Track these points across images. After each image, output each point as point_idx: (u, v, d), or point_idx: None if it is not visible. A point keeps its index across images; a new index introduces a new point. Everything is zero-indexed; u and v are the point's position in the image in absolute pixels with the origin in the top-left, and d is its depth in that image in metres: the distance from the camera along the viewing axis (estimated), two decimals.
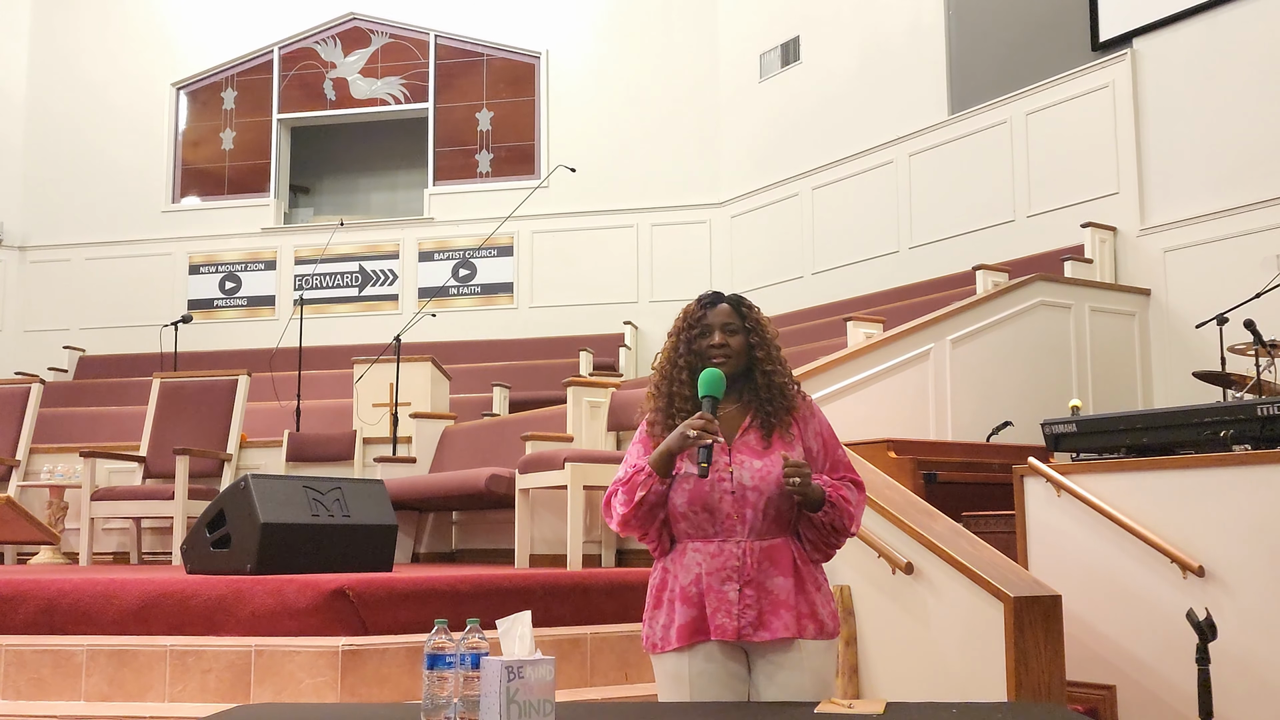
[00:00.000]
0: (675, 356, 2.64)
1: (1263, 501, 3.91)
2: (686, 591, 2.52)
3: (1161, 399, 7.08)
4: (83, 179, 12.35)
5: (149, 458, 7.33)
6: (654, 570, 2.63)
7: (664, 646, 2.55)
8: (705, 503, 2.51)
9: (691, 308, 2.67)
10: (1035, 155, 8.29)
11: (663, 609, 2.56)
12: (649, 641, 2.60)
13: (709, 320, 2.62)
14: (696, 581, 2.52)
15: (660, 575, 2.60)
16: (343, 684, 3.71)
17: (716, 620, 2.49)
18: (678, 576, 2.55)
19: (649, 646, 2.60)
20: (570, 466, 5.05)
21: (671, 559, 2.58)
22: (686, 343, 2.63)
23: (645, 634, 2.61)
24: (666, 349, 2.68)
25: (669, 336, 2.68)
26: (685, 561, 2.54)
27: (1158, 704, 4.14)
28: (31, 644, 3.90)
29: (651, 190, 11.32)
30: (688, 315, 2.67)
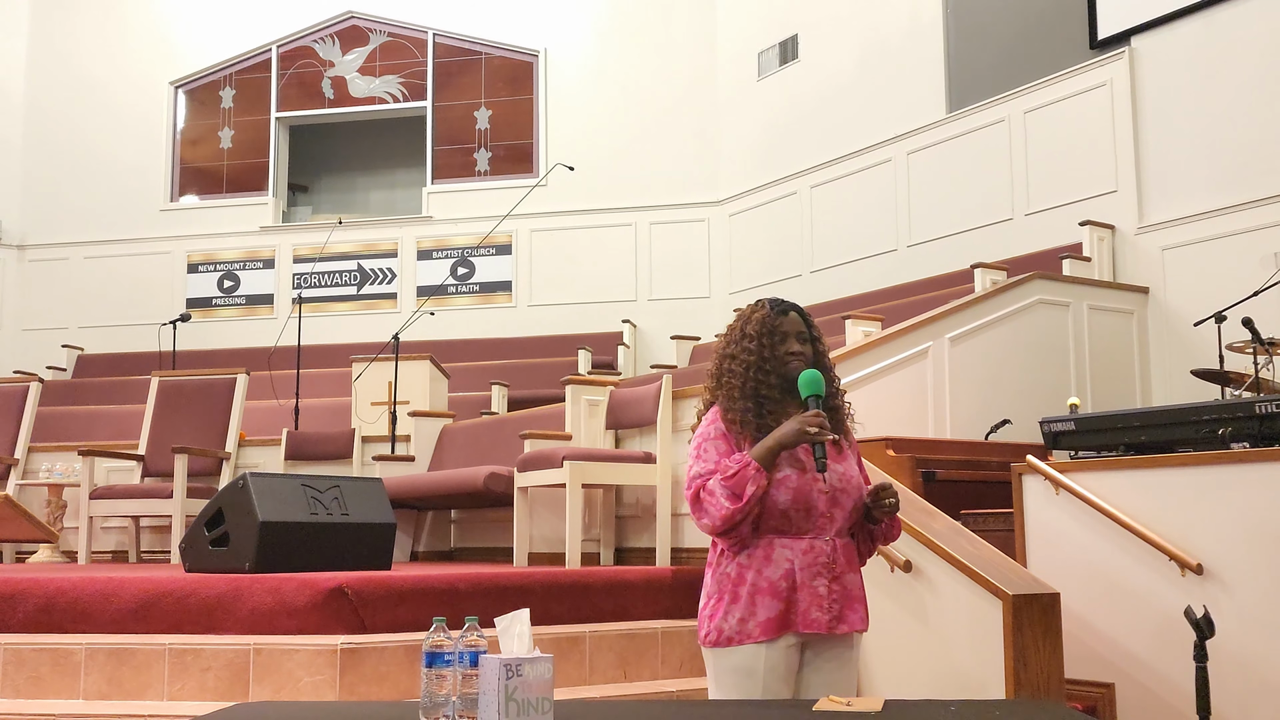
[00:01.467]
0: (760, 360, 2.71)
1: (1261, 499, 3.92)
2: (775, 586, 2.61)
3: (1160, 397, 7.08)
4: (81, 177, 12.35)
5: (147, 456, 7.33)
6: (723, 565, 2.67)
7: (740, 639, 2.60)
8: (806, 501, 2.62)
9: (764, 313, 2.76)
10: (1033, 153, 8.29)
11: (741, 603, 2.61)
12: (720, 635, 2.62)
13: (785, 327, 2.74)
14: (787, 576, 2.61)
15: (736, 570, 2.64)
16: (341, 682, 3.72)
17: (811, 614, 2.61)
18: (762, 571, 2.62)
19: (718, 641, 2.62)
20: (569, 465, 5.05)
21: (750, 554, 2.63)
22: (771, 346, 2.72)
23: (711, 628, 2.64)
24: (745, 350, 2.73)
25: (744, 339, 2.74)
26: (774, 557, 2.62)
27: (1156, 701, 4.15)
28: (30, 642, 3.89)
29: (650, 189, 11.32)
30: (764, 320, 2.75)
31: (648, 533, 5.28)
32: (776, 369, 2.71)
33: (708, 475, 2.61)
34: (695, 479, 2.63)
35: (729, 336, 2.78)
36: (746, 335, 2.74)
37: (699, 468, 2.64)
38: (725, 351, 2.76)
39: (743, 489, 2.54)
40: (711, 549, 2.74)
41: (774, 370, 2.71)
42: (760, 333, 2.73)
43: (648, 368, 10.28)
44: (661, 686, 4.28)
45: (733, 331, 2.78)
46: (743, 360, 2.72)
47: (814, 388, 2.65)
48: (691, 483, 2.63)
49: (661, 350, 10.55)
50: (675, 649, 4.48)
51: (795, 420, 2.59)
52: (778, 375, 2.70)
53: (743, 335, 2.75)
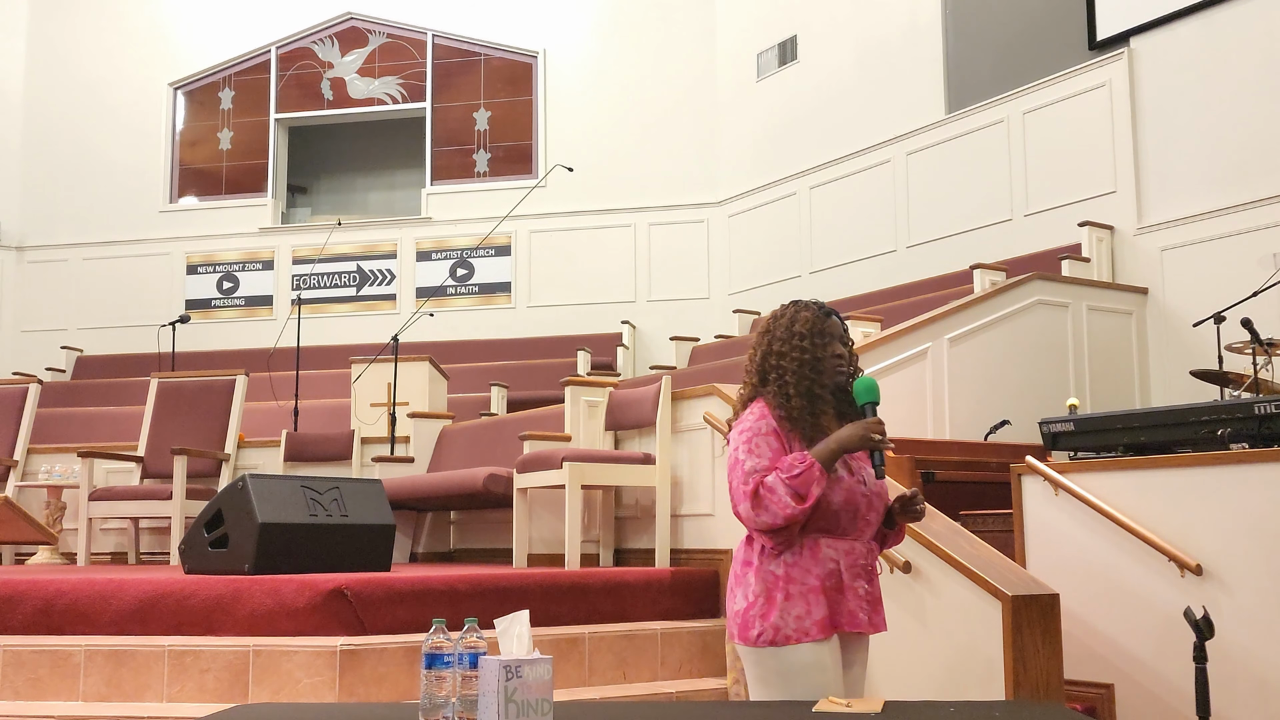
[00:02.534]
0: (813, 359, 2.73)
1: (1260, 500, 3.92)
2: (824, 585, 2.64)
3: (1159, 398, 7.08)
4: (80, 179, 12.34)
5: (147, 458, 7.32)
6: (766, 564, 2.66)
7: (800, 637, 2.61)
8: (854, 503, 2.67)
9: (813, 314, 2.78)
10: (1032, 154, 8.29)
11: (795, 601, 2.62)
12: (779, 634, 2.61)
13: (830, 330, 2.77)
14: (833, 576, 2.65)
15: (784, 569, 2.64)
16: (341, 684, 3.72)
17: (856, 615, 2.66)
18: (810, 570, 2.64)
19: (775, 639, 2.61)
20: (568, 466, 5.05)
21: (796, 553, 2.65)
22: (820, 346, 2.75)
23: (767, 626, 2.62)
24: (796, 348, 2.74)
25: (794, 337, 2.75)
26: (820, 556, 2.65)
27: (1156, 702, 4.15)
28: (29, 644, 3.89)
29: (649, 189, 11.32)
30: (813, 321, 2.77)
31: (647, 534, 5.28)
32: (825, 370, 2.73)
33: (764, 471, 2.60)
34: (752, 474, 2.61)
35: (773, 334, 2.78)
36: (796, 334, 2.75)
37: (753, 463, 2.62)
38: (772, 348, 2.76)
39: (807, 489, 2.56)
40: (746, 548, 2.73)
41: (824, 371, 2.73)
42: (811, 332, 2.75)
43: (647, 369, 10.28)
44: (661, 687, 4.28)
45: (777, 328, 2.78)
46: (794, 358, 2.72)
47: (872, 394, 2.70)
48: (748, 477, 2.61)
49: (661, 351, 10.55)
50: (674, 650, 4.48)
51: (860, 425, 2.63)
52: (827, 376, 2.73)
53: (791, 333, 2.75)
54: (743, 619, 2.66)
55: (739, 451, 2.67)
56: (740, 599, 2.69)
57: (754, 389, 2.78)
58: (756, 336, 2.85)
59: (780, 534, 2.62)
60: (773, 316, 2.84)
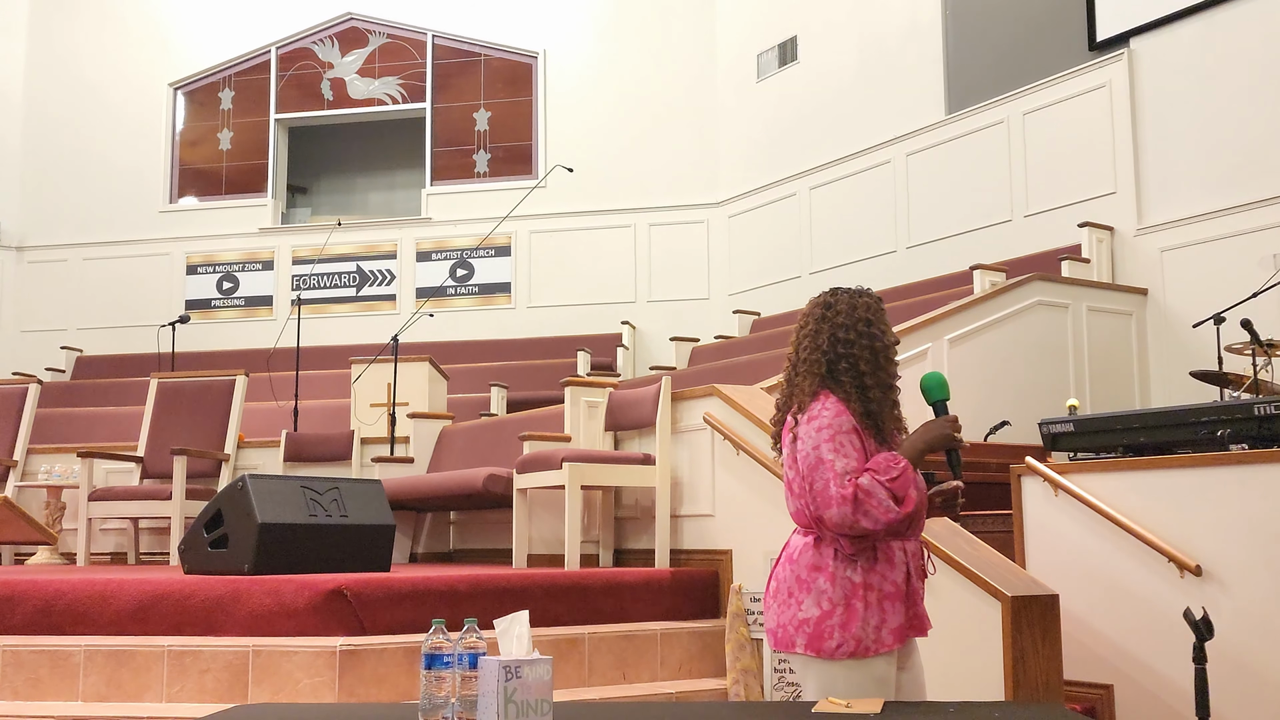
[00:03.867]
0: (885, 348, 2.61)
1: (1260, 501, 3.92)
2: (899, 589, 2.52)
3: (1159, 398, 7.08)
4: (80, 179, 12.34)
5: (146, 458, 7.32)
6: (842, 569, 2.51)
7: (877, 649, 2.48)
8: (924, 503, 2.54)
9: (871, 300, 2.64)
10: (1032, 155, 8.29)
11: (874, 609, 2.49)
12: (859, 645, 2.48)
13: (887, 317, 2.66)
14: (905, 578, 2.53)
15: (861, 575, 2.50)
16: (340, 684, 3.71)
17: (925, 618, 2.59)
18: (886, 575, 2.51)
19: (855, 651, 2.48)
20: (568, 466, 5.05)
21: (870, 557, 2.52)
22: (887, 333, 2.62)
23: (847, 638, 2.48)
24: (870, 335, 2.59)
25: (860, 323, 2.59)
26: (894, 559, 2.53)
27: (1155, 703, 4.15)
28: (29, 644, 3.89)
29: (649, 190, 11.32)
30: (874, 307, 2.63)
31: (647, 534, 5.28)
32: (893, 359, 2.61)
33: (855, 472, 2.46)
34: (844, 475, 2.45)
35: (834, 320, 2.60)
36: (862, 319, 2.59)
37: (843, 463, 2.46)
38: (837, 335, 2.58)
39: (905, 492, 2.45)
40: (815, 552, 2.55)
41: (893, 359, 2.60)
42: (876, 318, 2.61)
43: (647, 369, 10.28)
44: (660, 688, 4.28)
45: (837, 315, 2.60)
46: (865, 345, 2.57)
47: (945, 390, 2.60)
48: (843, 480, 2.44)
49: (661, 352, 10.55)
50: (674, 650, 4.48)
51: (943, 424, 2.54)
52: (894, 365, 2.61)
53: (855, 319, 2.58)
54: (816, 629, 2.49)
55: (822, 450, 2.49)
56: (811, 607, 2.51)
57: (819, 380, 2.58)
58: (812, 323, 2.64)
59: (868, 538, 2.49)
60: (824, 304, 2.65)
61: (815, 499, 2.48)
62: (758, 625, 4.37)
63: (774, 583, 2.64)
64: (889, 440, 2.58)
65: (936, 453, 2.56)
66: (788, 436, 2.60)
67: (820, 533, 2.55)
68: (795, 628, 2.53)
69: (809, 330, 2.64)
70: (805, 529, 2.60)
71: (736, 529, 4.83)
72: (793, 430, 2.58)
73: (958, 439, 2.52)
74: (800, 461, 2.53)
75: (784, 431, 2.64)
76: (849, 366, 2.56)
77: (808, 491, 2.51)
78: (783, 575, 2.61)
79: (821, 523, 2.50)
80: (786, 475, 2.62)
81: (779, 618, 2.58)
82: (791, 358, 2.68)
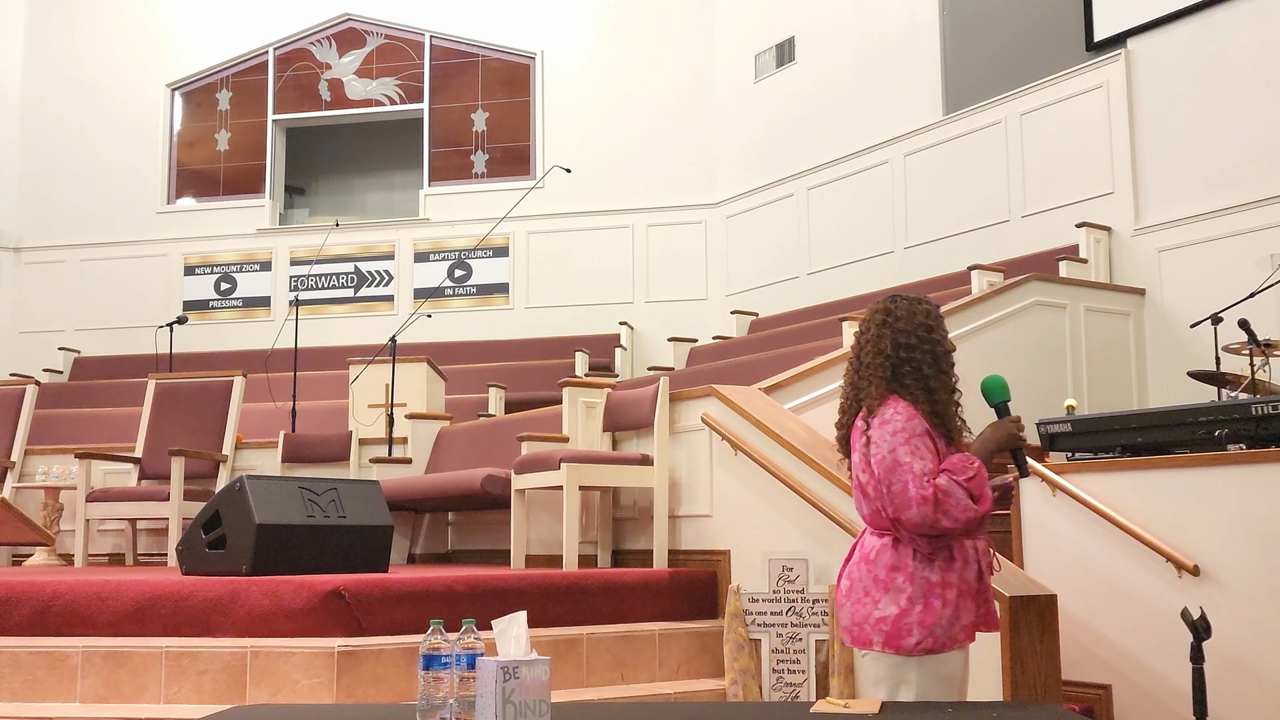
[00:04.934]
0: (946, 353, 2.69)
1: (1257, 501, 3.92)
2: (972, 586, 2.59)
3: (1156, 399, 7.09)
4: (78, 180, 12.33)
5: (144, 459, 7.32)
6: (920, 568, 2.58)
7: (951, 645, 2.55)
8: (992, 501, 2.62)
9: (930, 307, 2.72)
10: (1030, 155, 8.30)
11: (951, 607, 2.56)
12: (936, 642, 2.54)
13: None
14: (978, 575, 2.60)
15: (938, 574, 2.57)
16: (338, 685, 3.71)
17: (994, 615, 2.65)
18: (961, 574, 2.58)
19: (933, 647, 2.54)
20: (566, 467, 5.05)
21: (946, 556, 2.59)
22: (946, 339, 2.70)
23: (924, 634, 2.54)
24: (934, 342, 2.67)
25: (922, 329, 2.67)
26: (968, 557, 2.60)
27: (1153, 703, 4.15)
28: (26, 645, 3.89)
29: (647, 191, 11.32)
30: (934, 314, 2.71)
31: (645, 535, 5.28)
32: (953, 363, 2.69)
33: (932, 474, 2.53)
34: (922, 476, 2.52)
35: (895, 327, 2.68)
36: (922, 325, 2.67)
37: (921, 465, 2.53)
38: (899, 341, 2.66)
39: (982, 491, 2.53)
40: (893, 551, 2.61)
41: (953, 364, 2.68)
42: (937, 324, 2.69)
43: (645, 370, 10.28)
44: (659, 688, 4.28)
45: (898, 322, 2.68)
46: (927, 350, 2.65)
47: (1007, 392, 2.68)
48: (921, 481, 2.51)
49: (659, 352, 10.55)
50: (672, 651, 4.48)
51: (1009, 424, 2.62)
52: (953, 370, 2.69)
53: (915, 325, 2.66)
54: (894, 626, 2.55)
55: (899, 453, 2.55)
56: (888, 605, 2.57)
57: (885, 384, 2.65)
58: (874, 329, 2.72)
59: (941, 538, 2.56)
60: (884, 311, 2.73)
61: (894, 501, 2.55)
62: (756, 625, 4.37)
63: (847, 582, 2.70)
64: (955, 441, 2.65)
65: (1003, 452, 2.65)
66: (859, 440, 2.66)
67: (898, 533, 2.60)
68: (872, 625, 2.59)
69: (871, 336, 2.73)
70: (880, 530, 2.66)
71: (734, 529, 4.83)
72: (864, 434, 2.65)
73: (1023, 438, 2.62)
74: (876, 465, 2.59)
75: (853, 436, 2.71)
76: (912, 370, 2.64)
77: (885, 493, 2.57)
78: (858, 574, 2.66)
79: (900, 524, 2.56)
80: (858, 478, 2.69)
81: (854, 615, 2.64)
82: (853, 364, 2.77)
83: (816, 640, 4.27)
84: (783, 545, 4.49)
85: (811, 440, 4.64)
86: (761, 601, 4.37)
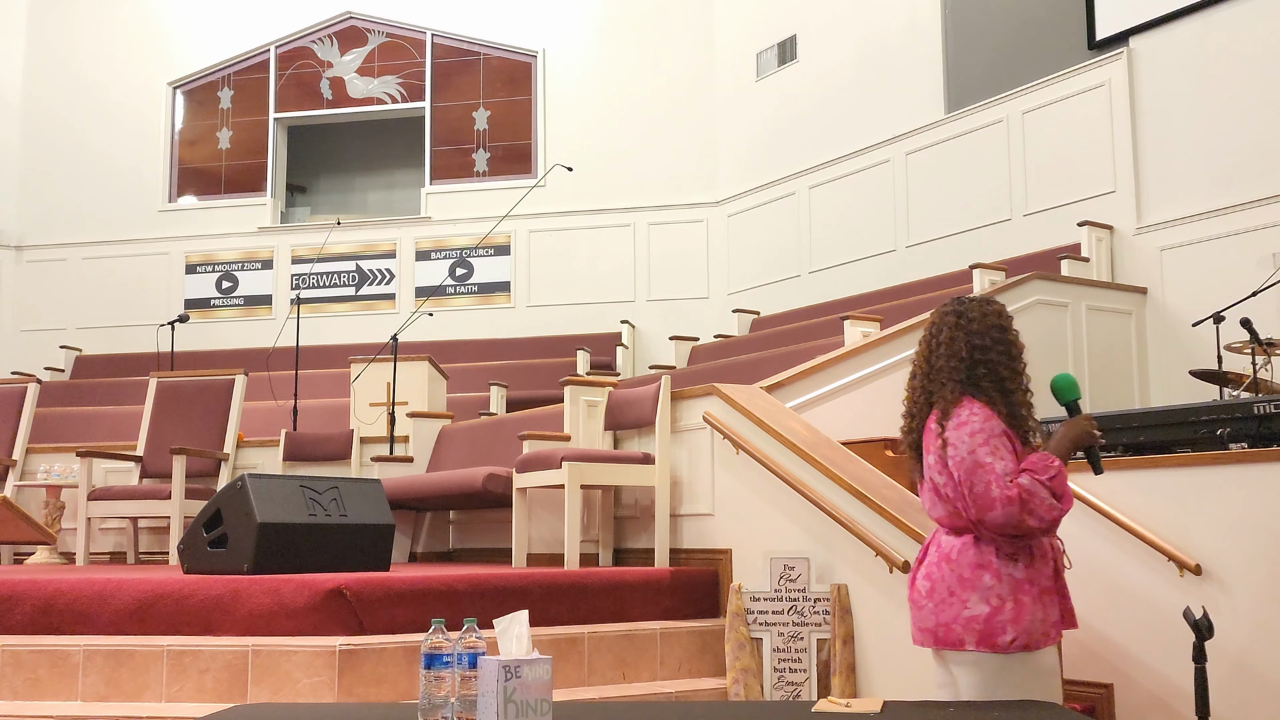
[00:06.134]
0: (1019, 354, 2.71)
1: (1259, 500, 3.92)
2: (1054, 584, 2.61)
3: (1158, 397, 7.08)
4: (79, 178, 12.34)
5: (146, 457, 7.32)
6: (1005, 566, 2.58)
7: (1044, 642, 2.57)
8: None
9: (1000, 307, 2.74)
10: (1032, 154, 8.29)
11: (1040, 604, 2.57)
12: (1030, 638, 2.54)
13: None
14: (1057, 572, 2.63)
15: (1023, 571, 2.58)
16: (340, 684, 3.71)
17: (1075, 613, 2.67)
18: (1043, 571, 2.60)
19: (1029, 644, 2.54)
20: (568, 466, 5.05)
21: (1028, 554, 2.59)
22: (1018, 340, 2.72)
23: (1019, 631, 2.54)
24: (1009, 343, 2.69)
25: (994, 329, 2.69)
26: (1048, 555, 2.62)
27: (1155, 702, 4.15)
28: (28, 644, 3.89)
29: (648, 189, 11.32)
30: (1005, 315, 2.73)
31: (646, 534, 5.28)
32: (1024, 364, 2.71)
33: (1013, 474, 2.54)
34: (1004, 476, 2.53)
35: (968, 329, 2.69)
36: (995, 326, 2.68)
37: (1002, 465, 2.54)
38: (973, 343, 2.67)
39: (1064, 489, 2.54)
40: (976, 550, 2.61)
41: (1025, 364, 2.71)
42: (1009, 325, 2.71)
43: (646, 368, 10.28)
44: (660, 687, 4.28)
45: (970, 323, 2.69)
46: (1001, 351, 2.67)
47: (1077, 390, 2.70)
48: (1004, 481, 2.52)
49: (660, 351, 10.55)
50: (674, 650, 4.48)
51: (1084, 422, 2.64)
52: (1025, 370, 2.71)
53: (988, 326, 2.68)
54: (987, 624, 2.54)
55: (979, 454, 2.56)
56: (978, 604, 2.56)
57: (960, 386, 2.66)
58: (947, 331, 2.72)
59: (1022, 537, 2.56)
60: (956, 313, 2.74)
61: (976, 502, 2.54)
62: (757, 624, 4.37)
63: (928, 582, 2.67)
64: (1029, 441, 2.66)
65: (1079, 449, 2.67)
66: (935, 443, 2.66)
67: (978, 532, 2.61)
68: (963, 625, 2.57)
69: (944, 338, 2.72)
70: (957, 530, 2.65)
71: (736, 528, 4.83)
72: (939, 436, 2.64)
73: (1098, 436, 2.64)
74: (955, 467, 2.59)
75: (926, 438, 2.71)
76: (988, 372, 2.65)
77: (966, 495, 2.56)
78: (940, 575, 2.64)
79: (983, 525, 2.56)
80: (932, 480, 2.69)
81: (940, 617, 2.62)
82: (922, 365, 2.77)
83: (818, 639, 4.27)
84: (784, 544, 4.49)
85: (813, 439, 4.63)
86: (763, 600, 4.36)
